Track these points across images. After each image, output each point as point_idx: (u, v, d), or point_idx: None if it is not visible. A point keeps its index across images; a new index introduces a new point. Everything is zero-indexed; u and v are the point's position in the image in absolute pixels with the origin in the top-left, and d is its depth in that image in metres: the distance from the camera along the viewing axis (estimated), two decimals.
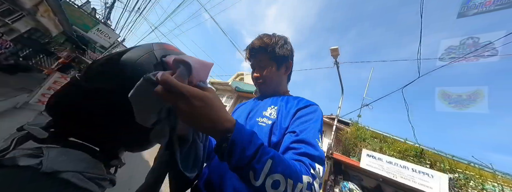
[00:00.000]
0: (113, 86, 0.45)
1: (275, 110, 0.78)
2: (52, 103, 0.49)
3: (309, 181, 0.45)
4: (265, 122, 0.74)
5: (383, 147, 6.50)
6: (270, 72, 0.90)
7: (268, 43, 0.86)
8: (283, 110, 0.77)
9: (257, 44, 0.87)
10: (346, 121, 8.71)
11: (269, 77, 0.91)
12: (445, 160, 5.61)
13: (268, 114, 0.77)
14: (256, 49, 0.88)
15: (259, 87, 0.96)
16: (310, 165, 0.50)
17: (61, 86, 0.52)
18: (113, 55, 0.49)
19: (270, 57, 0.88)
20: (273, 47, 0.86)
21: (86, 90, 0.47)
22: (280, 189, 0.40)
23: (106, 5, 14.39)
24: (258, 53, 0.89)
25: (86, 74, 0.48)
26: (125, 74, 0.45)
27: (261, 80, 0.92)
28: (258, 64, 0.92)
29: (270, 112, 0.78)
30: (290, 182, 0.41)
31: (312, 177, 0.47)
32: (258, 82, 0.94)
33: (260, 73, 0.91)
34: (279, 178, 0.41)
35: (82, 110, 0.46)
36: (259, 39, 0.89)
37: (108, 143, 0.47)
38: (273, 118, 0.74)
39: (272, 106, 0.82)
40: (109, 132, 0.48)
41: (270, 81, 0.92)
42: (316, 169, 0.51)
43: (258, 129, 0.72)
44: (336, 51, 6.69)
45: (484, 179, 4.84)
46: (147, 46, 0.54)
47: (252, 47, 0.89)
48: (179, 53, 0.59)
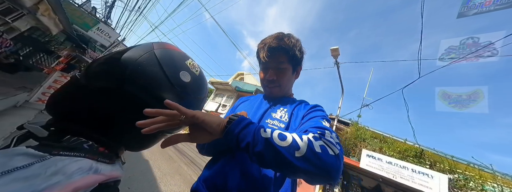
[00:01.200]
0: (113, 86, 0.45)
1: (285, 112, 0.78)
2: (52, 101, 0.49)
3: (314, 135, 0.50)
4: (276, 125, 0.73)
5: (383, 147, 6.50)
6: (287, 76, 0.84)
7: (289, 45, 0.79)
8: (293, 113, 0.78)
9: (278, 44, 0.78)
10: (346, 121, 8.71)
11: (285, 82, 0.85)
12: (445, 161, 5.61)
13: (279, 117, 0.76)
14: (277, 49, 0.79)
15: (271, 90, 0.88)
16: (316, 129, 0.56)
17: (61, 85, 0.52)
18: (113, 54, 0.50)
19: (288, 60, 0.81)
20: (293, 50, 0.80)
21: (86, 89, 0.47)
22: (287, 140, 0.47)
23: (107, 4, 14.38)
24: (278, 55, 0.80)
25: (86, 73, 0.48)
26: (125, 73, 0.45)
27: (277, 84, 0.85)
28: (275, 66, 0.82)
29: (280, 114, 0.78)
30: (295, 135, 0.49)
31: (316, 134, 0.52)
32: (272, 86, 0.85)
33: (276, 77, 0.82)
34: (284, 133, 0.49)
35: (82, 109, 0.46)
36: (280, 39, 0.79)
37: (108, 142, 0.47)
38: (285, 121, 0.74)
39: (281, 108, 0.81)
40: (109, 131, 0.48)
41: (284, 86, 0.86)
42: (321, 131, 0.55)
43: None
44: (337, 51, 6.69)
45: (484, 180, 4.84)
46: (147, 45, 0.54)
47: (271, 46, 0.78)
48: (179, 53, 0.59)
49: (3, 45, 6.27)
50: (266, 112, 0.82)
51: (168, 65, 0.52)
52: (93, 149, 0.42)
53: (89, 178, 0.34)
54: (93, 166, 0.37)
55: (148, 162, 4.56)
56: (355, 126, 7.79)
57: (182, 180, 4.42)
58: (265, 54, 0.80)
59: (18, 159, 0.30)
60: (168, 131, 0.59)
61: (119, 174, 0.44)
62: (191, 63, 0.60)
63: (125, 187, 2.95)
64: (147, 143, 0.59)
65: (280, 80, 0.83)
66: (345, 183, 6.33)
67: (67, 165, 0.33)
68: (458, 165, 5.48)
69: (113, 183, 0.44)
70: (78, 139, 0.42)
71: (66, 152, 0.36)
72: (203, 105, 0.66)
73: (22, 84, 5.18)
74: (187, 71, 0.56)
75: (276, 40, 0.79)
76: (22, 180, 0.27)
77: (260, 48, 0.83)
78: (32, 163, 0.30)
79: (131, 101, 0.46)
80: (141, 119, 0.50)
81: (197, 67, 0.62)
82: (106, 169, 0.40)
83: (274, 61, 0.81)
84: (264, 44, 0.81)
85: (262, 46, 0.82)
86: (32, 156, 0.31)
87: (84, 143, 0.42)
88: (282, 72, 0.83)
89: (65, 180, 0.31)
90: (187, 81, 0.54)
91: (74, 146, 0.40)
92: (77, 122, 0.45)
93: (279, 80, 0.83)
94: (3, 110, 3.07)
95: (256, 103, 0.92)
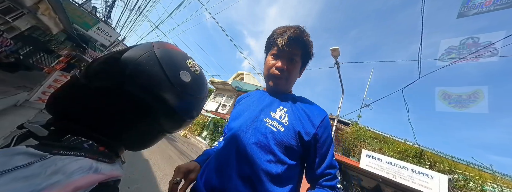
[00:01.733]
0: (113, 85, 0.45)
1: (285, 112, 0.76)
2: (52, 101, 0.49)
3: None
4: (276, 127, 0.71)
5: (383, 148, 6.50)
6: (295, 70, 0.82)
7: (307, 41, 0.78)
8: (292, 113, 0.76)
9: (300, 36, 0.76)
10: (346, 121, 8.71)
11: (292, 75, 0.83)
12: (444, 161, 5.62)
13: (278, 117, 0.74)
14: (297, 41, 0.76)
15: (276, 81, 0.83)
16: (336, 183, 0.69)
17: (61, 85, 0.52)
18: (113, 53, 0.49)
19: (301, 55, 0.80)
20: (309, 47, 0.80)
21: (86, 89, 0.47)
22: None
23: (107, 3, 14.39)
24: (295, 46, 0.77)
25: (86, 72, 0.48)
26: (125, 73, 0.45)
27: (284, 75, 0.81)
28: (289, 57, 0.79)
29: (280, 114, 0.76)
30: None
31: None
32: (279, 75, 0.80)
33: (286, 66, 0.79)
34: None
35: (82, 108, 0.46)
36: (301, 31, 0.77)
37: (108, 141, 0.47)
38: (285, 123, 0.72)
39: (281, 107, 0.79)
40: (109, 130, 0.48)
41: (290, 80, 0.84)
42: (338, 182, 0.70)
43: (270, 132, 0.69)
44: (337, 51, 6.69)
45: (484, 180, 4.84)
46: (147, 45, 0.54)
47: (293, 36, 0.75)
48: (179, 52, 0.59)
49: (3, 45, 6.27)
50: (265, 109, 0.79)
51: (168, 65, 0.51)
52: (93, 149, 0.42)
53: (89, 178, 0.34)
54: (93, 165, 0.37)
55: (148, 162, 4.56)
56: (355, 126, 7.80)
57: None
58: (284, 42, 0.75)
59: (18, 158, 0.30)
60: (168, 131, 0.59)
61: (119, 173, 0.44)
62: (191, 63, 0.60)
63: (125, 186, 2.96)
64: (147, 143, 0.59)
65: (290, 72, 0.81)
66: (345, 183, 6.34)
67: (67, 164, 0.33)
68: (458, 166, 5.49)
69: (113, 182, 0.44)
70: (78, 138, 0.42)
71: (66, 151, 0.36)
72: (203, 105, 0.66)
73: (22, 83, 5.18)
74: (187, 71, 0.56)
75: (298, 31, 0.76)
76: (22, 179, 0.27)
77: (278, 35, 0.79)
78: (32, 162, 0.30)
79: (131, 100, 0.46)
80: (141, 118, 0.50)
81: (197, 67, 0.62)
82: (106, 169, 0.40)
83: (290, 52, 0.78)
84: (284, 31, 0.77)
85: (281, 33, 0.78)
86: (32, 155, 0.31)
87: (84, 142, 0.42)
88: (292, 65, 0.80)
89: (65, 180, 0.31)
90: (187, 81, 0.54)
91: (74, 145, 0.40)
92: (77, 121, 0.45)
93: (289, 72, 0.81)
94: (3, 109, 3.07)
95: (255, 100, 0.90)
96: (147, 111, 0.49)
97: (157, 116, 0.51)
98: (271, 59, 0.82)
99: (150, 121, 0.51)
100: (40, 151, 0.33)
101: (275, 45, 0.80)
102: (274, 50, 0.81)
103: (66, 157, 0.35)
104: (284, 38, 0.76)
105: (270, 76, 0.83)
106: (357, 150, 6.64)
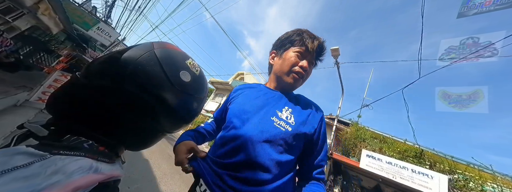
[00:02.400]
0: (114, 85, 0.45)
1: (290, 112, 0.79)
2: (52, 101, 0.49)
3: None
4: (284, 127, 0.74)
5: (383, 148, 6.50)
6: (309, 74, 0.90)
7: (325, 52, 0.89)
8: (297, 114, 0.80)
9: (325, 48, 0.88)
10: (346, 121, 8.71)
11: (306, 78, 0.90)
12: (444, 161, 5.62)
13: (285, 117, 0.77)
14: (322, 50, 0.88)
15: (293, 80, 0.85)
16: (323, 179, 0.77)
17: (61, 85, 0.52)
18: (113, 53, 0.50)
19: (315, 63, 0.90)
20: (321, 59, 0.91)
21: (86, 89, 0.47)
22: None
23: (107, 3, 14.38)
24: (320, 53, 0.88)
25: (87, 72, 0.48)
26: (125, 72, 0.45)
27: (305, 76, 0.87)
28: (311, 60, 0.87)
29: (286, 114, 0.78)
30: None
31: None
32: (303, 74, 0.85)
33: (308, 68, 0.85)
34: None
35: (82, 108, 0.46)
36: (324, 44, 0.88)
37: (108, 141, 0.47)
38: (292, 123, 0.76)
39: (286, 107, 0.81)
40: (109, 130, 0.48)
41: (303, 82, 0.90)
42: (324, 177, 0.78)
43: (278, 132, 0.72)
44: (337, 51, 6.68)
45: (484, 180, 4.85)
46: (147, 45, 0.54)
47: (322, 44, 0.86)
48: (179, 52, 0.59)
49: (3, 45, 6.27)
50: (271, 108, 0.80)
51: (168, 65, 0.51)
52: (93, 148, 0.42)
53: (89, 177, 0.34)
54: (93, 165, 0.37)
55: (148, 162, 4.56)
56: (355, 126, 7.80)
57: (182, 180, 4.42)
58: (315, 46, 0.83)
59: (18, 158, 0.30)
60: (168, 131, 0.59)
61: (119, 173, 0.44)
62: (191, 63, 0.60)
63: (125, 186, 2.95)
64: (147, 143, 0.59)
65: (308, 75, 0.89)
66: (345, 183, 6.35)
67: (67, 164, 0.33)
68: (458, 166, 5.49)
69: (113, 182, 0.44)
70: (78, 138, 0.42)
71: (66, 151, 0.36)
72: (203, 105, 0.66)
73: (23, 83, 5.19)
74: (187, 71, 0.56)
75: (325, 44, 0.87)
76: (22, 179, 0.27)
77: (309, 37, 0.85)
78: (32, 162, 0.30)
79: (131, 100, 0.46)
80: (141, 118, 0.50)
81: (197, 67, 0.62)
82: (106, 169, 0.40)
83: (314, 56, 0.86)
84: (314, 37, 0.86)
85: (311, 37, 0.85)
86: (32, 155, 0.31)
87: (84, 142, 0.42)
88: (311, 68, 0.88)
89: (65, 179, 0.31)
90: (187, 81, 0.54)
91: (74, 145, 0.40)
92: (77, 121, 0.45)
93: (308, 75, 0.88)
94: (3, 109, 3.07)
95: (260, 95, 0.88)
96: (147, 111, 0.49)
97: (157, 116, 0.51)
98: (295, 56, 0.84)
99: (150, 120, 0.51)
100: (40, 151, 0.33)
101: (303, 45, 0.84)
102: (300, 49, 0.84)
103: (66, 157, 0.35)
104: (314, 43, 0.83)
105: (293, 73, 0.84)
106: (357, 150, 6.63)
